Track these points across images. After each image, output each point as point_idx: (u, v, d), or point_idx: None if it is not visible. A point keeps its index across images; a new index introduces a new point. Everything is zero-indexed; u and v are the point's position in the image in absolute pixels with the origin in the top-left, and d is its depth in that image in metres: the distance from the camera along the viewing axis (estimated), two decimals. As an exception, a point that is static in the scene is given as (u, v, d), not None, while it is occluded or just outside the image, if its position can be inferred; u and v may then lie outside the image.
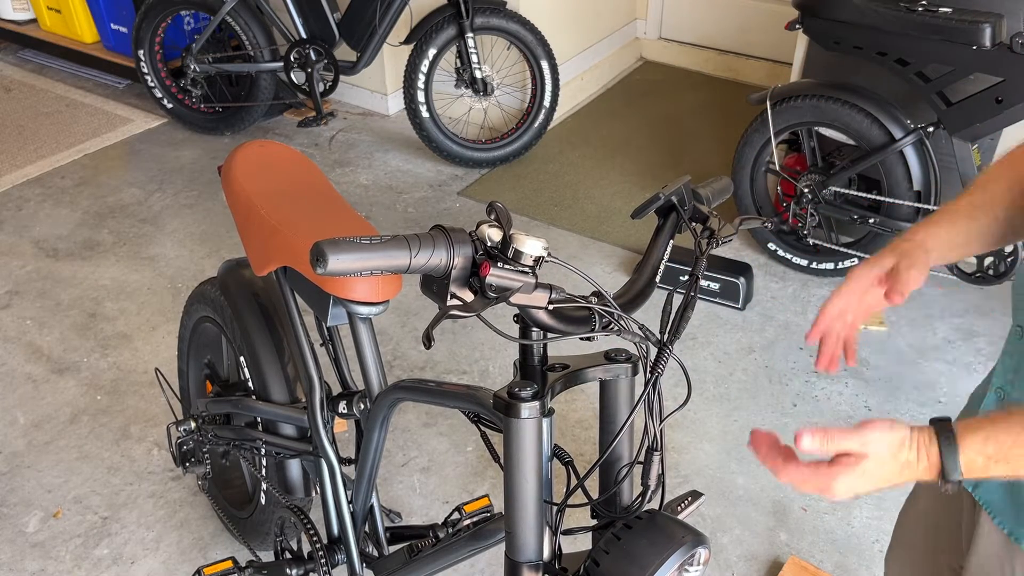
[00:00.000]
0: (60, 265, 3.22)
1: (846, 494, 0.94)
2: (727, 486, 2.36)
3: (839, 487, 0.93)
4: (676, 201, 1.15)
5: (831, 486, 0.94)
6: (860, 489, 0.93)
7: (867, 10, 2.59)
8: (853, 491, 0.93)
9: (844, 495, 0.94)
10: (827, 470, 0.95)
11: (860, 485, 0.93)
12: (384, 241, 0.94)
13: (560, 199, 3.63)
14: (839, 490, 0.93)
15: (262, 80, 3.89)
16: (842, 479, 0.93)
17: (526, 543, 1.13)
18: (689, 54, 4.77)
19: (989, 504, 1.14)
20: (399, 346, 2.85)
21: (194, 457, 2.03)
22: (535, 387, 1.09)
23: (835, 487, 0.94)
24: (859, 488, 0.93)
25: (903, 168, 2.74)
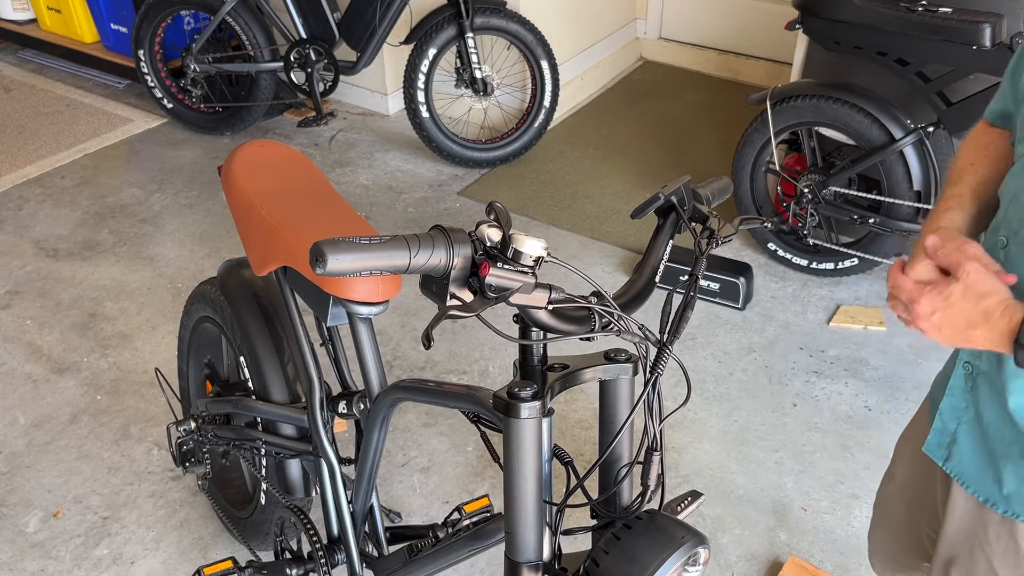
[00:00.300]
0: (60, 265, 3.22)
1: (927, 312, 0.99)
2: (727, 486, 2.36)
3: (925, 304, 0.99)
4: (676, 201, 1.15)
5: (919, 300, 1.00)
6: (941, 316, 0.98)
7: (867, 10, 2.59)
8: (934, 312, 0.99)
9: (926, 312, 0.99)
10: (920, 286, 1.01)
11: (942, 311, 0.98)
12: (384, 241, 0.94)
13: (560, 199, 3.63)
14: (924, 307, 0.99)
15: (262, 80, 3.89)
16: (928, 298, 0.99)
17: (526, 543, 1.13)
18: (689, 54, 4.77)
19: (961, 475, 1.19)
20: (399, 346, 2.85)
21: (194, 457, 2.03)
22: (535, 387, 1.09)
23: (922, 302, 1.00)
24: (940, 314, 0.98)
25: (903, 168, 2.74)
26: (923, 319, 1.00)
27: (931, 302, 0.99)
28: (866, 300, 3.02)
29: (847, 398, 2.63)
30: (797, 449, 2.47)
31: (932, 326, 1.00)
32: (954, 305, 0.98)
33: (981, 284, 0.98)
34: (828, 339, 2.86)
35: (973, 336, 0.98)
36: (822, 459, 2.44)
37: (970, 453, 1.17)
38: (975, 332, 0.97)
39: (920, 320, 1.01)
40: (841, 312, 2.95)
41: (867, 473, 2.39)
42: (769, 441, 2.50)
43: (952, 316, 0.98)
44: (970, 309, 0.97)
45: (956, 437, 1.19)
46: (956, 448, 1.19)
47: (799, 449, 2.47)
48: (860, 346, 2.83)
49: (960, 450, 1.18)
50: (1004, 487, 1.13)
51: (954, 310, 0.98)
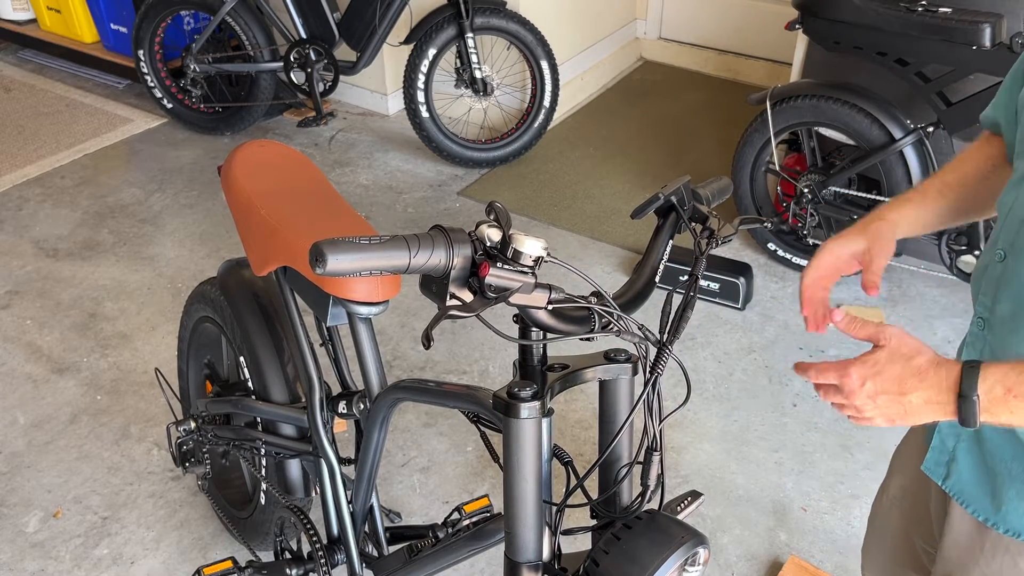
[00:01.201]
0: (60, 265, 3.22)
1: (858, 385, 0.97)
2: (727, 486, 2.36)
3: (854, 376, 0.97)
4: (676, 201, 1.15)
5: (848, 372, 0.97)
6: (872, 385, 0.96)
7: (867, 10, 2.59)
8: (864, 382, 0.96)
9: (856, 385, 0.97)
10: (845, 361, 0.99)
11: (871, 378, 0.96)
12: (383, 241, 0.94)
13: (560, 199, 3.63)
14: (854, 379, 0.97)
15: (262, 80, 3.89)
16: (856, 368, 0.97)
17: (526, 543, 1.13)
18: (689, 54, 4.77)
19: (960, 494, 1.17)
20: (399, 346, 2.85)
21: (194, 457, 2.03)
22: (535, 387, 1.09)
23: (851, 375, 0.97)
24: (871, 382, 0.96)
25: (903, 168, 2.74)
26: (855, 393, 0.97)
27: (859, 372, 0.97)
28: (866, 300, 3.02)
29: (847, 398, 2.63)
30: (797, 449, 2.47)
31: (866, 399, 0.96)
32: (883, 371, 0.95)
33: (906, 346, 0.96)
34: (828, 339, 2.86)
35: (911, 403, 0.95)
36: (822, 459, 2.44)
37: (969, 471, 1.14)
38: (912, 397, 0.94)
39: (854, 396, 0.97)
40: (841, 312, 2.95)
41: (867, 473, 2.39)
42: (769, 441, 2.50)
43: (884, 382, 0.95)
44: (900, 370, 0.95)
45: (955, 455, 1.16)
46: (955, 466, 1.17)
47: (799, 449, 2.47)
48: (860, 346, 2.81)
49: (959, 468, 1.16)
50: (1004, 505, 1.11)
51: (884, 375, 0.95)
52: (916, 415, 0.95)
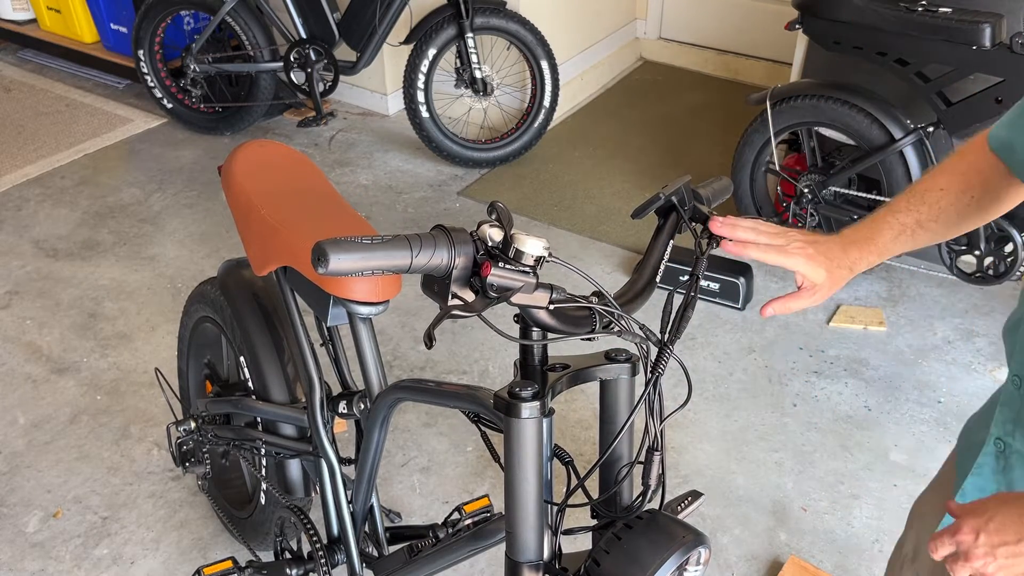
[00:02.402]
0: (60, 265, 3.22)
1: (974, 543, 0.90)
2: (727, 486, 2.36)
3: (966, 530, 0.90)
4: (676, 201, 1.15)
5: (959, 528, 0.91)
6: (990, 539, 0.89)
7: (867, 10, 2.59)
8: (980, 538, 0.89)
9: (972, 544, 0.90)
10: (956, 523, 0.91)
11: (988, 533, 0.89)
12: (385, 241, 0.94)
13: (560, 199, 3.63)
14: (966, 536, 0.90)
15: (262, 80, 3.89)
16: (967, 520, 0.91)
17: (526, 543, 1.13)
18: (689, 54, 4.77)
19: None
20: (399, 346, 2.85)
21: (194, 457, 2.03)
22: (535, 387, 1.09)
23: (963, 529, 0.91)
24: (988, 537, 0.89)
25: (903, 168, 2.74)
26: (974, 553, 0.90)
27: (971, 524, 0.90)
28: (866, 300, 3.02)
29: (847, 398, 2.63)
30: (797, 449, 2.47)
31: (986, 557, 0.89)
32: (995, 516, 0.89)
33: (1013, 494, 0.92)
34: (828, 339, 2.86)
35: None
36: (822, 459, 2.44)
37: None
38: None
39: (973, 557, 0.90)
40: (841, 312, 2.95)
41: (867, 473, 2.39)
42: (769, 441, 2.50)
43: (999, 530, 0.89)
44: (1016, 513, 0.89)
45: None
46: None
47: (799, 449, 2.47)
48: (860, 346, 2.83)
49: None
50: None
51: (996, 521, 0.89)
52: None
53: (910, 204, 1.18)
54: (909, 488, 2.33)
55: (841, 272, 1.13)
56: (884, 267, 3.07)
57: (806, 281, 1.13)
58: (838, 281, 1.13)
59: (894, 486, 2.35)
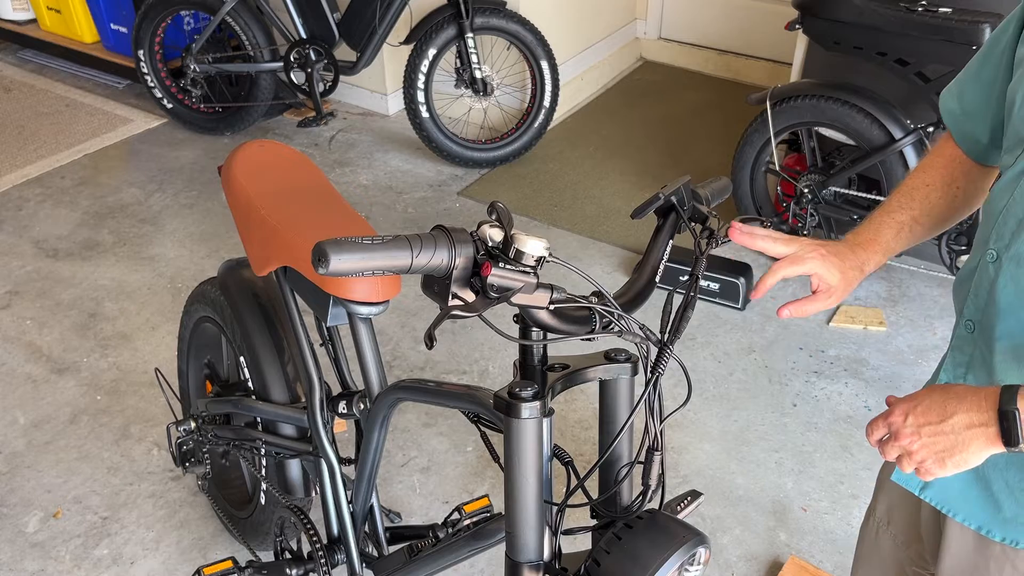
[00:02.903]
0: (60, 265, 3.22)
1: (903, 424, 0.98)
2: (727, 486, 2.36)
3: (896, 413, 0.99)
4: (675, 201, 1.15)
5: (891, 412, 0.99)
6: (917, 420, 0.96)
7: (867, 10, 2.59)
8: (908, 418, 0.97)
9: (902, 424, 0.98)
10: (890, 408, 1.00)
11: (915, 414, 0.97)
12: (386, 241, 0.94)
13: (560, 199, 3.63)
14: (896, 417, 0.98)
15: (262, 80, 3.89)
16: (898, 405, 0.99)
17: (526, 543, 1.13)
18: (689, 54, 4.77)
19: (945, 503, 1.14)
20: (399, 346, 2.85)
21: (194, 457, 2.03)
22: (535, 387, 1.09)
23: (894, 412, 0.99)
24: (915, 418, 0.96)
25: (903, 168, 2.75)
26: (902, 432, 0.98)
27: (901, 407, 0.99)
28: (866, 300, 3.02)
29: (847, 398, 2.63)
30: (797, 449, 2.47)
31: (912, 436, 0.97)
32: (922, 400, 0.97)
33: (943, 384, 1.00)
34: (828, 339, 2.86)
35: (954, 429, 0.94)
36: (822, 459, 2.44)
37: (954, 477, 1.04)
38: (953, 421, 0.94)
39: (902, 436, 0.98)
40: (841, 312, 2.95)
41: (867, 473, 2.39)
42: (769, 441, 2.50)
43: (924, 411, 0.96)
44: (940, 395, 0.96)
45: None
46: None
47: (799, 449, 2.47)
48: (860, 346, 2.83)
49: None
50: (1002, 511, 1.07)
51: (923, 404, 0.96)
52: (963, 446, 0.93)
53: (902, 203, 1.22)
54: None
55: (853, 273, 1.17)
56: (884, 267, 3.07)
57: (821, 283, 1.16)
58: (851, 282, 1.17)
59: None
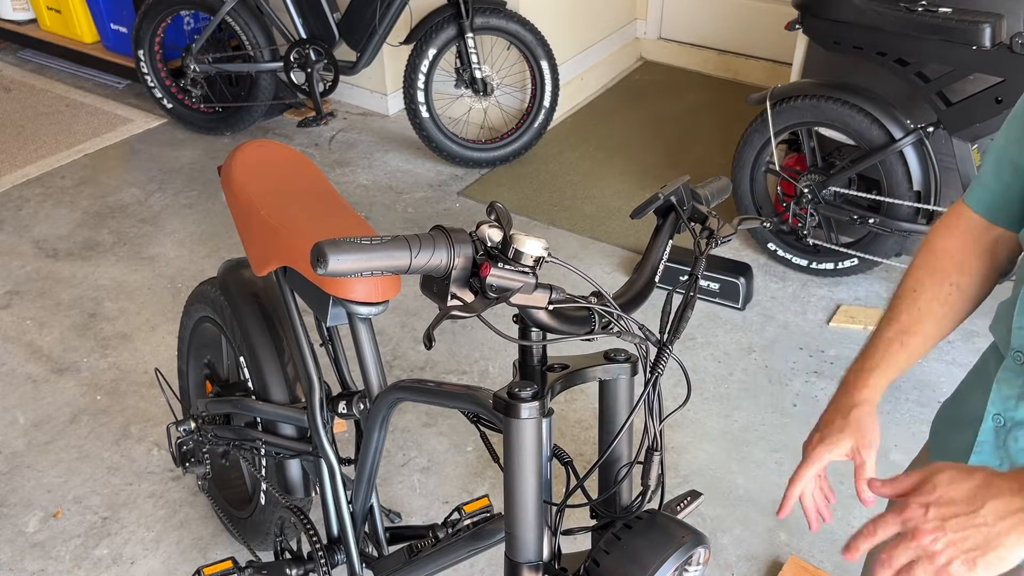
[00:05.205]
0: (60, 265, 3.22)
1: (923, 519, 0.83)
2: (727, 486, 2.36)
3: (914, 507, 0.84)
4: (675, 201, 1.15)
5: (907, 505, 0.84)
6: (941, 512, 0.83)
7: (867, 10, 2.59)
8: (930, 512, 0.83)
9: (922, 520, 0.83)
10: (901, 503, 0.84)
11: (939, 507, 0.83)
12: (385, 241, 0.94)
13: (560, 199, 3.63)
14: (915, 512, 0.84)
15: (262, 80, 3.89)
16: (915, 498, 0.84)
17: (526, 543, 1.13)
18: (689, 54, 4.77)
19: None
20: (399, 346, 2.85)
21: (194, 457, 2.03)
22: (535, 387, 1.09)
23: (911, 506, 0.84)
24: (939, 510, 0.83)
25: (903, 168, 2.74)
26: (923, 529, 0.83)
27: (920, 500, 0.85)
28: (866, 300, 3.02)
29: (847, 398, 2.63)
30: (797, 449, 2.46)
31: (936, 531, 0.83)
32: (946, 492, 0.84)
33: (958, 466, 0.86)
34: (828, 339, 2.86)
35: (986, 521, 0.81)
36: (822, 459, 2.43)
37: None
38: (985, 512, 0.82)
39: (922, 534, 0.83)
40: (841, 312, 2.95)
41: (867, 473, 2.38)
42: (769, 441, 2.50)
43: (950, 503, 0.83)
44: (966, 486, 0.84)
45: None
46: None
47: (799, 449, 2.46)
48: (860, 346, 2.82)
49: None
50: None
51: (948, 495, 0.83)
52: (999, 540, 0.81)
53: (889, 317, 1.17)
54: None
55: (863, 410, 1.11)
56: (884, 267, 3.08)
57: (852, 454, 1.10)
58: (869, 425, 1.11)
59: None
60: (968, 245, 1.15)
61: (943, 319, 1.15)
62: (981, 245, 1.15)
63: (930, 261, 1.16)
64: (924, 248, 1.18)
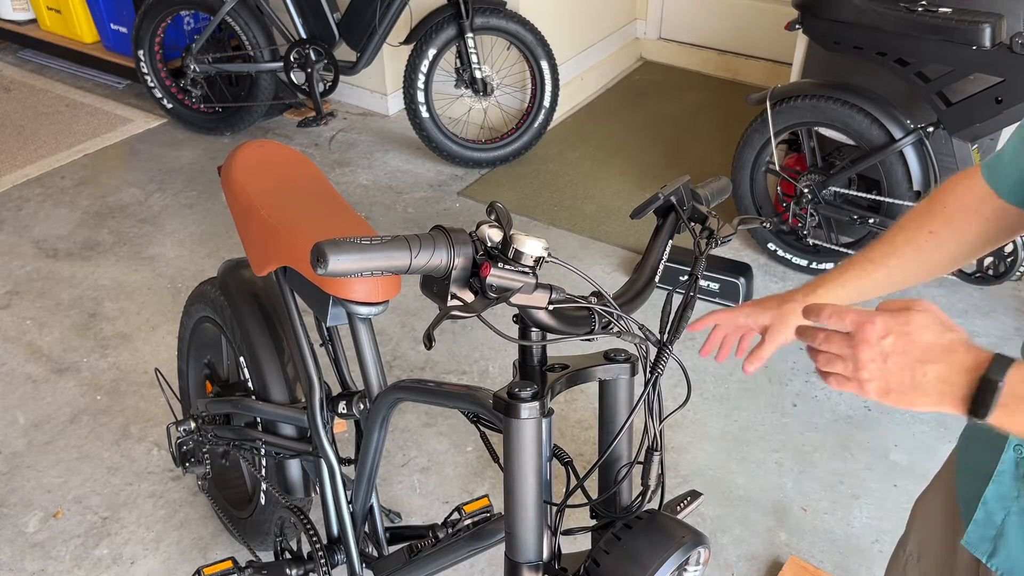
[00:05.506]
0: (60, 265, 3.22)
1: (876, 340, 0.83)
2: (727, 486, 2.36)
3: (879, 324, 0.83)
4: (675, 201, 1.15)
5: (873, 320, 0.84)
6: (894, 342, 0.83)
7: (867, 10, 2.59)
8: (887, 339, 0.83)
9: (877, 334, 0.83)
10: (869, 310, 0.85)
11: (898, 339, 0.83)
12: (385, 242, 0.94)
13: (560, 199, 3.63)
14: (876, 328, 0.83)
15: (262, 80, 3.89)
16: (884, 318, 0.84)
17: (526, 543, 1.13)
18: (689, 54, 4.77)
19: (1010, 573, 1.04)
20: (399, 346, 2.85)
21: (194, 457, 2.03)
22: (535, 387, 1.09)
23: (876, 322, 0.84)
24: (894, 338, 0.83)
25: (903, 168, 2.74)
26: (869, 344, 0.84)
27: (886, 323, 0.84)
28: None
29: (847, 398, 2.63)
30: (797, 449, 2.47)
31: (876, 355, 0.84)
32: (914, 332, 0.83)
33: (942, 318, 0.85)
34: (828, 339, 2.85)
35: (923, 375, 0.83)
36: (822, 459, 2.44)
37: (1021, 548, 1.00)
38: (928, 369, 0.83)
39: (864, 347, 0.84)
40: (841, 312, 2.95)
41: (867, 473, 2.39)
42: (769, 441, 2.50)
43: (909, 343, 0.83)
44: (932, 338, 0.83)
45: (1003, 530, 1.03)
46: (1003, 542, 1.03)
47: (799, 449, 2.47)
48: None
49: (1008, 544, 1.02)
50: None
51: (913, 336, 0.83)
52: (919, 392, 0.84)
53: (865, 248, 1.23)
54: (909, 488, 2.33)
55: (794, 307, 1.23)
56: (884, 267, 3.07)
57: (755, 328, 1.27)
58: (792, 322, 1.23)
59: (894, 486, 2.35)
60: (967, 205, 1.15)
61: (911, 261, 1.18)
62: (980, 211, 1.14)
63: (922, 207, 1.19)
64: (926, 198, 1.21)
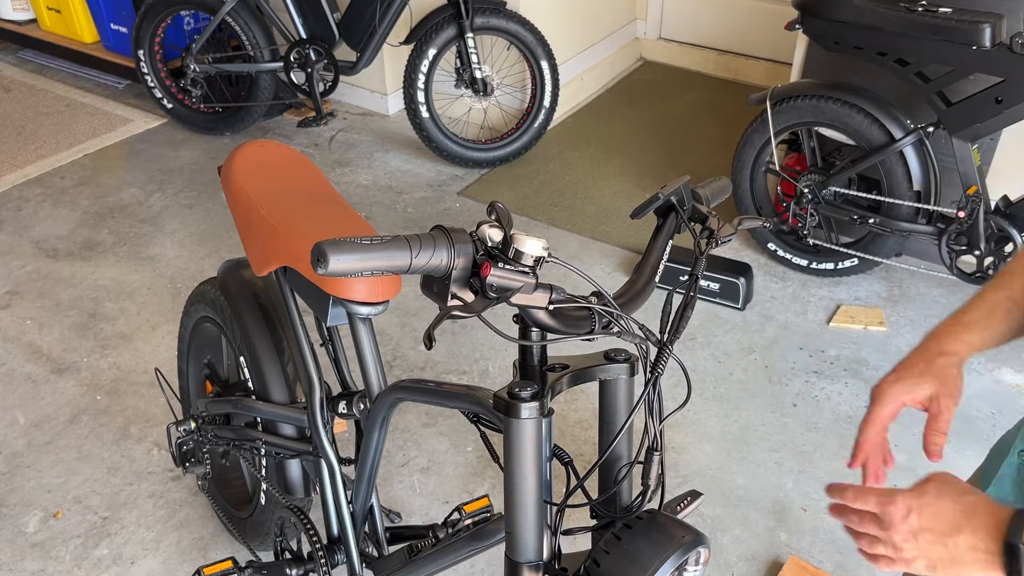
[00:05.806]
0: (60, 265, 3.22)
1: (901, 520, 0.87)
2: (727, 486, 2.36)
3: (900, 504, 0.87)
4: (675, 201, 1.15)
5: (894, 500, 0.88)
6: (918, 520, 0.86)
7: (867, 10, 2.59)
8: (911, 517, 0.86)
9: (900, 514, 0.87)
10: (890, 490, 0.89)
11: (918, 511, 0.86)
12: (385, 241, 0.94)
13: (560, 199, 3.63)
14: (899, 509, 0.87)
15: (262, 80, 3.89)
16: (904, 497, 0.88)
17: (526, 543, 1.13)
18: (689, 54, 4.77)
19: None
20: (399, 346, 2.85)
21: (194, 457, 2.03)
22: (535, 387, 1.09)
23: (897, 503, 0.88)
24: (916, 515, 0.86)
25: (903, 168, 2.75)
26: (896, 527, 0.87)
27: (906, 502, 0.88)
28: (866, 300, 3.02)
29: (847, 398, 2.63)
30: (797, 449, 2.47)
31: (908, 536, 0.87)
32: (932, 504, 0.86)
33: (956, 483, 0.88)
34: (828, 339, 2.86)
35: (956, 547, 0.84)
36: (822, 459, 2.44)
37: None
38: (960, 540, 0.84)
39: (894, 530, 0.87)
40: (841, 312, 2.95)
41: (867, 473, 2.39)
42: (769, 441, 2.50)
43: (931, 517, 0.86)
44: (951, 506, 0.86)
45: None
46: None
47: (799, 449, 2.47)
48: (860, 346, 2.83)
49: None
50: None
51: (932, 509, 0.86)
52: (959, 565, 0.85)
53: (998, 283, 1.11)
54: (909, 488, 2.32)
55: (949, 360, 1.06)
56: (884, 267, 3.08)
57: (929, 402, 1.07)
58: (954, 376, 1.06)
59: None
60: None
61: None
62: None
63: None
64: None
